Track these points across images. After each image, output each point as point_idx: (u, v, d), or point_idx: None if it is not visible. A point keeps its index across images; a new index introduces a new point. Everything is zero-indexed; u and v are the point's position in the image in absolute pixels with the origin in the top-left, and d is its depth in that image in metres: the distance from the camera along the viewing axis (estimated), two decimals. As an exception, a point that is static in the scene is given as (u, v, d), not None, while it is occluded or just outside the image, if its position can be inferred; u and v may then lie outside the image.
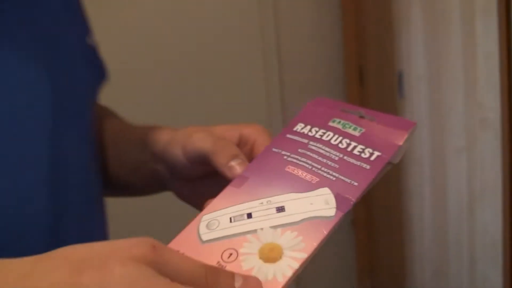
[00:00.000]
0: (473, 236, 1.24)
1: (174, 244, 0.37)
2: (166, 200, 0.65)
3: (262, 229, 0.37)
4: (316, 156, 0.42)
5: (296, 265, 0.34)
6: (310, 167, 0.41)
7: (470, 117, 1.21)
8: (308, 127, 0.46)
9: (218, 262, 0.35)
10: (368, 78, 2.08)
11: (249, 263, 0.35)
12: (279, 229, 0.37)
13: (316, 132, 0.45)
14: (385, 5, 1.68)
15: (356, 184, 0.40)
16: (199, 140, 0.46)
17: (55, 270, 0.29)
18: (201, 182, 0.49)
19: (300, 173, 0.41)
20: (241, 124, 0.49)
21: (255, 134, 0.47)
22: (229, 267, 0.35)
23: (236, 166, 0.43)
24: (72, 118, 0.49)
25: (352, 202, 0.39)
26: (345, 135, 0.44)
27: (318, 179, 0.40)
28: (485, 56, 1.12)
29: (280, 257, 0.35)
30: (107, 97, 0.67)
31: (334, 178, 0.40)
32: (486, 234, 1.17)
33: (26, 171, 0.44)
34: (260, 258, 0.35)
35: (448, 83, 1.31)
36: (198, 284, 0.31)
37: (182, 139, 0.48)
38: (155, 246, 0.31)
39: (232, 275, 0.33)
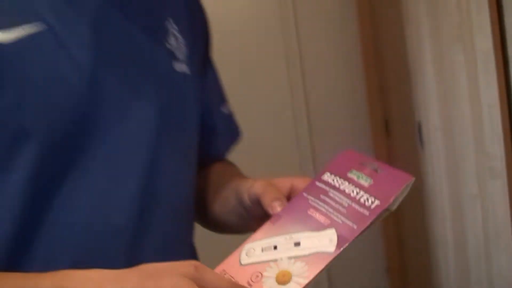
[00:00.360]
0: (491, 280, 1.29)
1: (224, 264, 0.50)
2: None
3: (281, 258, 0.49)
4: (332, 202, 0.54)
5: (298, 287, 0.46)
6: (325, 211, 0.53)
7: (480, 165, 1.28)
8: (332, 176, 0.57)
9: (248, 281, 0.48)
10: (392, 129, 2.17)
11: (267, 284, 0.47)
12: (293, 259, 0.49)
13: (337, 181, 0.57)
14: (402, 59, 1.78)
15: (355, 227, 0.51)
16: (256, 186, 0.60)
17: (131, 278, 0.45)
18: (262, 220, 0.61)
19: (317, 215, 0.53)
20: (295, 176, 0.62)
21: (303, 184, 0.59)
22: (254, 286, 0.48)
23: (277, 206, 0.56)
24: (173, 149, 0.64)
25: (348, 242, 0.50)
26: (357, 184, 0.55)
27: (329, 221, 0.52)
28: (488, 107, 1.20)
29: (289, 281, 0.47)
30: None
31: (340, 222, 0.52)
32: (501, 278, 1.21)
33: (119, 190, 0.57)
34: (276, 281, 0.47)
35: (459, 133, 1.39)
36: None
37: (248, 187, 0.61)
38: (197, 266, 0.45)
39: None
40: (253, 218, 0.62)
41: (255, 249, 0.52)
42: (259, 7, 2.40)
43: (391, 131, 2.19)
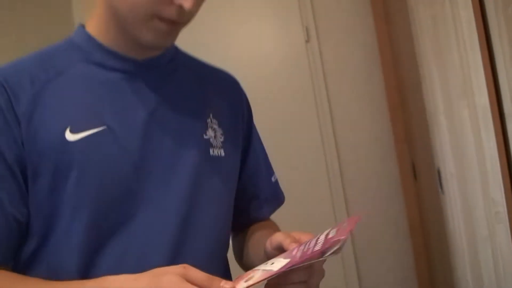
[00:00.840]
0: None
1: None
2: None
3: (259, 269, 0.72)
4: (310, 244, 0.73)
5: (250, 282, 0.67)
6: (302, 248, 0.73)
7: (488, 210, 1.38)
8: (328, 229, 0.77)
9: (243, 278, 0.70)
10: (419, 173, 2.27)
11: (241, 283, 0.68)
12: (261, 270, 0.71)
13: (325, 233, 0.75)
14: (421, 108, 1.91)
15: (298, 259, 0.69)
16: (278, 235, 0.80)
17: (144, 278, 0.68)
18: None
19: (295, 251, 0.73)
20: (302, 232, 0.81)
21: (306, 238, 0.79)
22: (236, 281, 0.69)
23: (293, 245, 0.76)
24: (202, 213, 0.86)
25: (286, 268, 0.68)
26: (327, 235, 0.73)
27: (297, 254, 0.72)
28: (490, 158, 1.31)
29: (248, 280, 0.68)
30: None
31: (299, 254, 0.71)
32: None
33: (154, 250, 0.79)
34: (244, 281, 0.68)
35: (470, 180, 1.50)
36: (203, 285, 0.66)
37: (270, 237, 0.82)
38: (185, 267, 0.67)
39: (219, 281, 0.67)
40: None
41: (258, 265, 0.75)
42: (288, 54, 2.57)
43: (418, 175, 2.29)
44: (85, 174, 0.77)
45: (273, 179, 1.08)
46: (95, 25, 0.86)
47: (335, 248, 0.68)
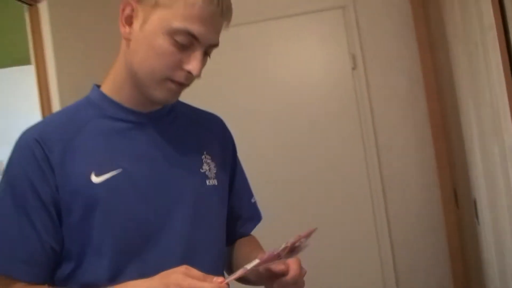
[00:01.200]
0: None
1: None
2: None
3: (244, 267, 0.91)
4: (276, 250, 0.93)
5: (233, 277, 0.89)
6: (271, 251, 0.92)
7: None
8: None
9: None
10: (461, 201, 2.31)
11: (231, 276, 0.90)
12: (243, 268, 0.91)
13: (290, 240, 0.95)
14: (460, 140, 1.97)
15: (264, 258, 0.91)
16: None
17: (155, 279, 0.88)
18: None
19: (265, 254, 0.91)
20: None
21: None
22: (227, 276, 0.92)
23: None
24: (202, 233, 1.06)
25: (256, 264, 0.91)
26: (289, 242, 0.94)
27: (265, 256, 0.91)
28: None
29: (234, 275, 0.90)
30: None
31: (265, 256, 0.91)
32: None
33: (166, 266, 0.93)
34: (232, 275, 0.90)
35: (500, 212, 1.55)
36: (200, 279, 0.85)
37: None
38: (187, 267, 0.87)
39: (213, 277, 0.86)
40: (263, 275, 0.99)
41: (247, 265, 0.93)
42: (336, 84, 2.67)
43: (460, 203, 2.33)
44: (108, 212, 0.98)
45: (252, 200, 1.29)
46: (110, 84, 1.07)
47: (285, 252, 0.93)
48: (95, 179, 0.97)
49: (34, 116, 1.95)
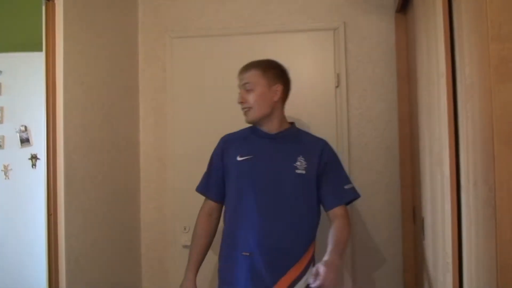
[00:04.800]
0: None
1: None
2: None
3: None
4: None
5: None
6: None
7: (443, 261, 1.67)
8: None
9: None
10: (417, 218, 2.55)
11: None
12: None
13: None
14: (419, 168, 2.20)
15: None
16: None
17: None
18: None
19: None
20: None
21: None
22: None
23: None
24: (276, 210, 2.08)
25: None
26: None
27: None
28: (447, 221, 1.61)
29: None
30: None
31: None
32: None
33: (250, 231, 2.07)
34: None
35: (437, 234, 1.79)
36: None
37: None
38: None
39: None
40: None
41: None
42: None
43: (416, 219, 2.56)
44: (242, 173, 2.10)
45: (346, 187, 2.12)
46: None
47: None
48: (239, 158, 2.12)
49: (39, 98, 2.16)
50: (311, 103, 2.89)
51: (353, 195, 2.11)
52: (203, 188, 2.24)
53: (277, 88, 2.12)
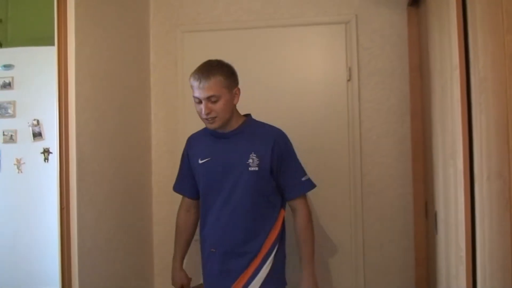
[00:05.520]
0: None
1: None
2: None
3: None
4: None
5: None
6: None
7: (457, 254, 1.66)
8: None
9: None
10: (429, 212, 2.53)
11: None
12: None
13: None
14: (431, 166, 2.18)
15: None
16: None
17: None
18: None
19: None
20: None
21: None
22: None
23: None
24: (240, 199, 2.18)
25: None
26: None
27: None
28: (461, 213, 1.60)
29: None
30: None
31: None
32: None
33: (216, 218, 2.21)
34: None
35: (450, 228, 1.78)
36: None
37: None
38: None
39: None
40: None
41: None
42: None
43: (428, 213, 2.55)
44: (204, 175, 2.21)
45: (303, 179, 2.20)
46: None
47: None
48: (200, 161, 2.21)
49: (51, 92, 2.17)
50: (322, 97, 2.88)
51: (309, 187, 2.22)
52: (179, 187, 2.39)
53: (236, 91, 2.13)
